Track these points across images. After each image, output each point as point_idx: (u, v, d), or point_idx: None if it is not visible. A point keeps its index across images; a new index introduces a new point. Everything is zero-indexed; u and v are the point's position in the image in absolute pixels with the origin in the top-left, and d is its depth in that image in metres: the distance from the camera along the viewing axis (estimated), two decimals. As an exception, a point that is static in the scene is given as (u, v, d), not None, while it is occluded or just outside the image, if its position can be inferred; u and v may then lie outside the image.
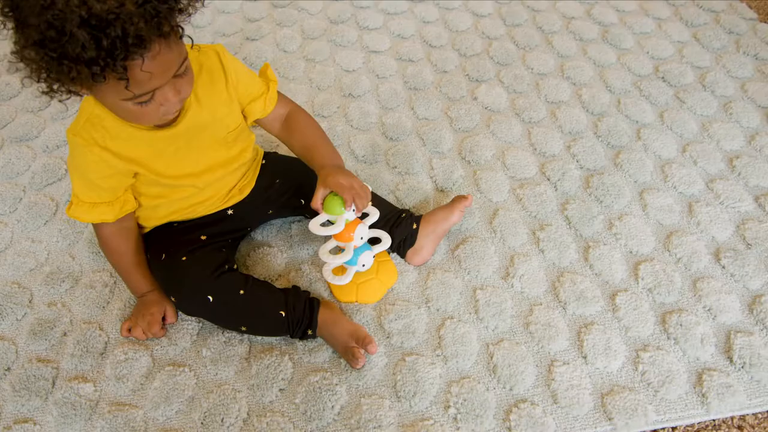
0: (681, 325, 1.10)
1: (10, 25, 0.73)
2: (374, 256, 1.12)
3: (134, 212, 1.07)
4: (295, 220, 1.27)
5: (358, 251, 1.08)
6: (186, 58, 0.83)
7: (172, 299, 1.06)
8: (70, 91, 0.78)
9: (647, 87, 1.59)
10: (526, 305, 1.14)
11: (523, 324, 1.11)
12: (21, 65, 0.74)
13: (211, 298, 1.02)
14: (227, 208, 1.15)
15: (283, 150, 1.29)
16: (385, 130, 1.48)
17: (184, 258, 1.04)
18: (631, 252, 1.23)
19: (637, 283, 1.17)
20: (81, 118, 0.91)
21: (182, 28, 0.80)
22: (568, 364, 1.06)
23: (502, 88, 1.59)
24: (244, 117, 1.06)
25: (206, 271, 1.03)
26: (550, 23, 1.81)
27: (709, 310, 1.13)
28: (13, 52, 0.74)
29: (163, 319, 1.09)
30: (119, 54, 0.70)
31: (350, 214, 1.02)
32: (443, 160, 1.40)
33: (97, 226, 1.05)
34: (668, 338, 1.09)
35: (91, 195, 0.98)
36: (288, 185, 1.19)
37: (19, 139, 1.48)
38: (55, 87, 0.76)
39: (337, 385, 1.02)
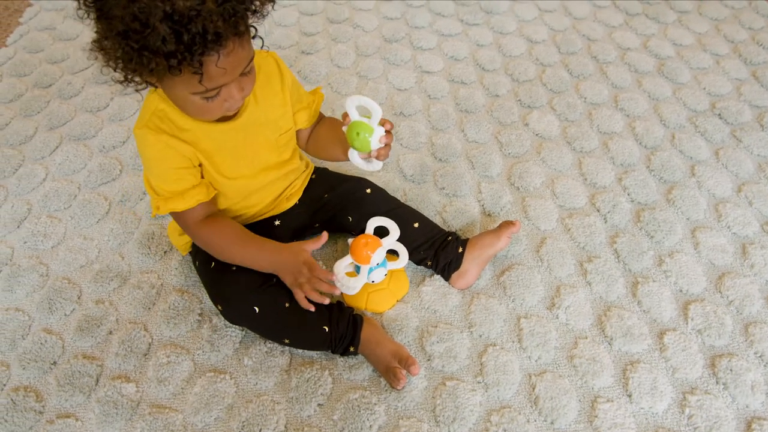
0: (731, 370, 1.07)
1: (92, 15, 0.77)
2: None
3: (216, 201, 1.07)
4: (342, 236, 1.27)
5: (370, 268, 1.09)
6: (253, 58, 0.87)
7: (219, 308, 1.07)
8: (144, 82, 0.82)
9: (703, 123, 1.56)
10: (571, 338, 1.12)
11: (567, 357, 1.09)
12: (99, 55, 0.77)
13: (257, 309, 1.03)
14: (274, 218, 1.16)
15: (333, 167, 1.30)
16: (434, 151, 1.48)
17: (233, 268, 1.05)
18: (681, 291, 1.20)
19: (687, 324, 1.14)
20: (146, 113, 0.94)
21: (255, 29, 0.84)
22: (612, 401, 1.03)
23: (554, 116, 1.58)
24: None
25: (255, 283, 1.04)
26: (605, 53, 1.79)
27: (760, 356, 1.10)
28: (93, 41, 0.77)
29: None
30: (197, 49, 0.74)
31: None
32: (492, 184, 1.40)
33: (190, 225, 1.03)
34: (717, 383, 1.06)
35: (173, 185, 0.98)
36: (336, 201, 1.20)
37: (77, 138, 1.52)
38: (130, 77, 0.80)
39: (375, 404, 1.02)
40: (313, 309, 0.98)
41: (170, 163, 0.96)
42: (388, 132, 0.96)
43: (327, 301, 0.97)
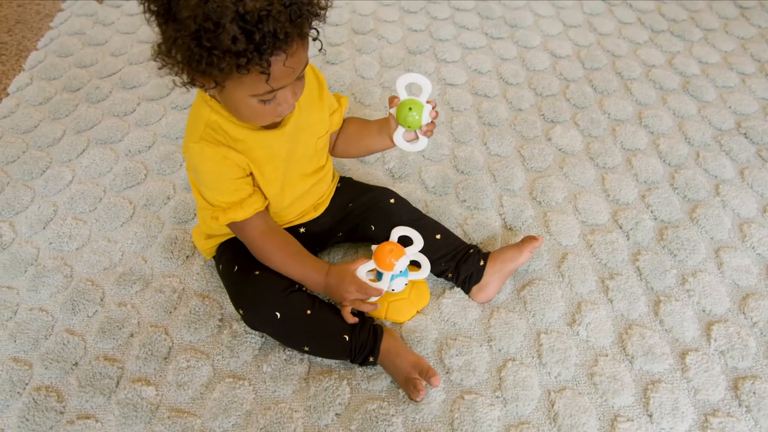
0: (754, 393, 1.06)
1: (157, 20, 0.79)
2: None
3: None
4: (363, 245, 1.28)
5: (392, 275, 1.09)
6: (308, 62, 0.88)
7: (240, 312, 1.08)
8: (206, 83, 0.83)
9: (728, 142, 1.55)
10: (592, 355, 1.11)
11: (587, 374, 1.08)
12: (163, 59, 0.80)
13: (278, 315, 1.03)
14: (299, 226, 1.17)
15: (357, 176, 1.31)
16: (456, 163, 1.48)
17: (257, 272, 1.06)
18: (704, 311, 1.19)
19: (709, 344, 1.13)
20: (198, 126, 0.94)
21: (318, 31, 0.85)
22: (632, 420, 1.02)
23: (577, 131, 1.58)
24: None
25: (277, 288, 1.05)
26: (630, 69, 1.79)
27: (785, 380, 1.08)
28: (157, 45, 0.79)
29: None
30: (267, 49, 0.76)
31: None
32: (513, 198, 1.39)
33: (251, 237, 1.04)
34: (740, 405, 1.05)
35: (231, 196, 0.99)
36: (360, 210, 1.21)
37: (104, 142, 1.54)
38: (195, 78, 0.82)
39: (393, 416, 1.01)
40: (356, 321, 1.05)
41: (228, 174, 0.97)
42: (433, 107, 1.00)
43: (377, 307, 1.05)
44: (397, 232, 1.11)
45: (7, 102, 1.68)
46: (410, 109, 0.97)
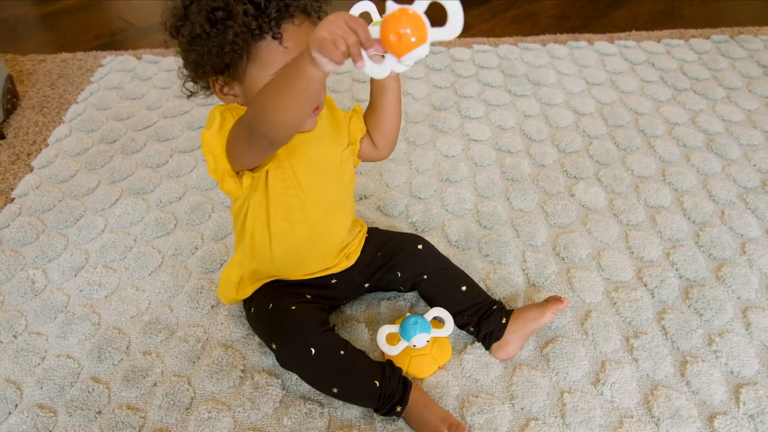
0: (786, 460, 1.02)
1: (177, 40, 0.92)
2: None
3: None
4: (385, 298, 1.29)
5: (414, 329, 1.10)
6: None
7: (273, 346, 1.08)
8: (230, 78, 0.93)
9: (753, 200, 1.54)
10: (616, 416, 1.09)
11: (612, 436, 1.06)
12: (185, 69, 0.94)
13: (313, 351, 1.03)
14: (332, 276, 1.18)
15: (385, 225, 1.33)
16: (479, 218, 1.49)
17: (293, 307, 1.08)
18: (732, 372, 1.16)
19: (738, 408, 1.10)
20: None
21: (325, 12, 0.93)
22: (659, 486, 0.99)
23: (600, 188, 1.59)
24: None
25: (314, 324, 1.06)
26: (653, 127, 1.80)
27: (819, 447, 1.05)
28: (181, 42, 0.91)
29: None
30: (274, 13, 0.86)
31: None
32: (536, 253, 1.40)
33: (244, 120, 0.87)
34: (771, 473, 1.02)
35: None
36: (388, 257, 1.22)
37: (137, 192, 1.59)
38: (218, 80, 0.93)
39: (413, 474, 1.00)
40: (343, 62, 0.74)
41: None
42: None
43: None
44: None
45: (46, 152, 1.75)
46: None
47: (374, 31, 0.71)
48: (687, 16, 2.54)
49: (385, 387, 1.04)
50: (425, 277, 1.21)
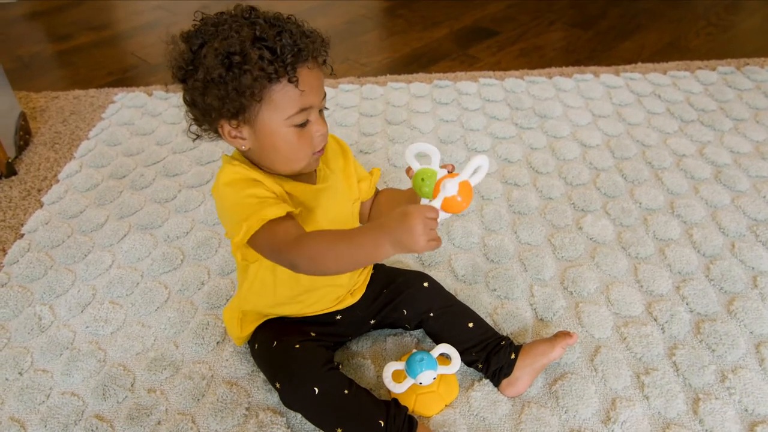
0: (805, 502, 0.99)
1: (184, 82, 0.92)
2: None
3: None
4: (391, 334, 1.27)
5: (421, 366, 1.08)
6: (326, 97, 0.96)
7: (277, 385, 1.07)
8: (242, 120, 0.92)
9: (764, 233, 1.52)
10: (628, 456, 1.07)
11: (623, 477, 1.04)
12: (192, 113, 0.95)
13: (317, 390, 1.02)
14: (336, 312, 1.18)
15: (390, 261, 1.32)
16: (486, 252, 1.48)
17: (297, 345, 1.07)
18: (746, 410, 1.13)
19: (754, 447, 1.08)
20: (238, 173, 0.96)
21: (332, 68, 0.97)
22: None
23: (608, 220, 1.58)
24: None
25: (318, 362, 1.05)
26: (660, 159, 1.80)
27: (838, 489, 1.02)
28: (194, 87, 0.90)
29: None
30: (289, 57, 0.86)
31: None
32: (544, 288, 1.38)
33: (292, 242, 0.88)
34: None
35: (256, 206, 0.91)
36: (394, 294, 1.22)
37: (144, 227, 1.60)
38: (230, 126, 0.92)
39: None
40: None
41: (254, 190, 0.92)
42: (450, 173, 0.91)
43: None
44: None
45: (56, 188, 1.77)
46: (422, 179, 0.91)
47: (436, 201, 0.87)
48: (693, 47, 2.55)
49: (390, 427, 1.03)
50: (431, 314, 1.20)
